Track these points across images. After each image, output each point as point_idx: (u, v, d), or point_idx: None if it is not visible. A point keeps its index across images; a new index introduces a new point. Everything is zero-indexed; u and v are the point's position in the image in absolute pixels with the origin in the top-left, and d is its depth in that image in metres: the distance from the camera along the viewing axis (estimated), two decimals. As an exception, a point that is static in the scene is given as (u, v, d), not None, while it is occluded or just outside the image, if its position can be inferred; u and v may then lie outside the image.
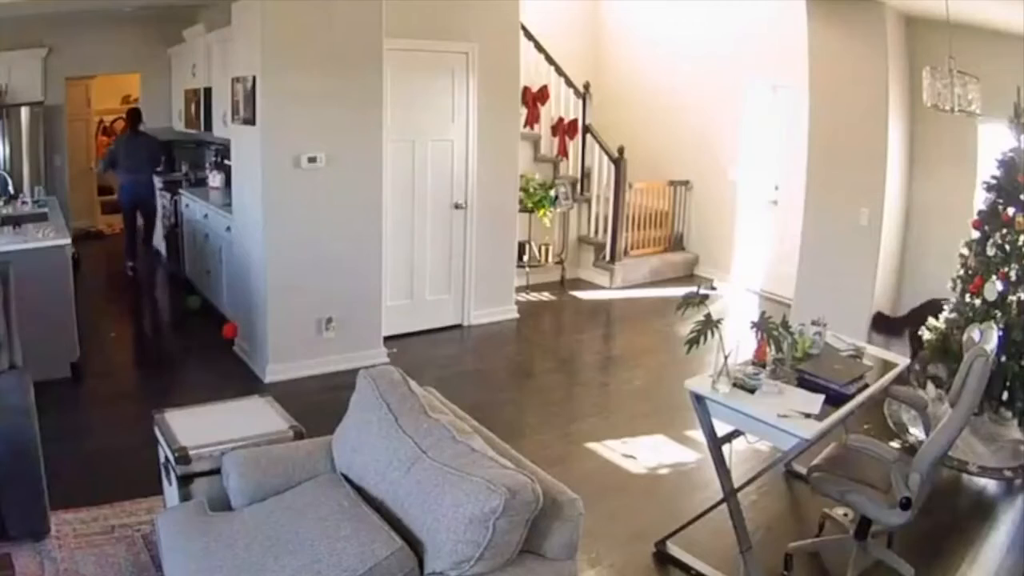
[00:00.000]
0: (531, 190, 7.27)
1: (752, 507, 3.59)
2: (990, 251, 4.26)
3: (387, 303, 5.68)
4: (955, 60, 4.03)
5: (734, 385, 3.09)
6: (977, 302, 4.31)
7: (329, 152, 5.06)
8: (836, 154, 5.71)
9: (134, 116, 7.92)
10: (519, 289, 7.07)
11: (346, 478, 2.54)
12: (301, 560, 2.15)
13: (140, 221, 8.05)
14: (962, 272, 4.49)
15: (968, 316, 4.30)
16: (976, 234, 4.42)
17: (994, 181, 4.32)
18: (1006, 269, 4.18)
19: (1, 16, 6.68)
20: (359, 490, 2.44)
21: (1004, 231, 4.21)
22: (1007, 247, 4.20)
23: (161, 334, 6.71)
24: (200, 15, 7.00)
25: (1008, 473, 4.13)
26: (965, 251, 4.48)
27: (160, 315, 7.41)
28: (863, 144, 5.52)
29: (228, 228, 5.87)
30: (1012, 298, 4.16)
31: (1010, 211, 4.19)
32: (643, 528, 3.47)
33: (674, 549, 3.33)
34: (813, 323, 3.58)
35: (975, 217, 4.44)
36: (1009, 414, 4.30)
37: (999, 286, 4.17)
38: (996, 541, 3.63)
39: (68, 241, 4.96)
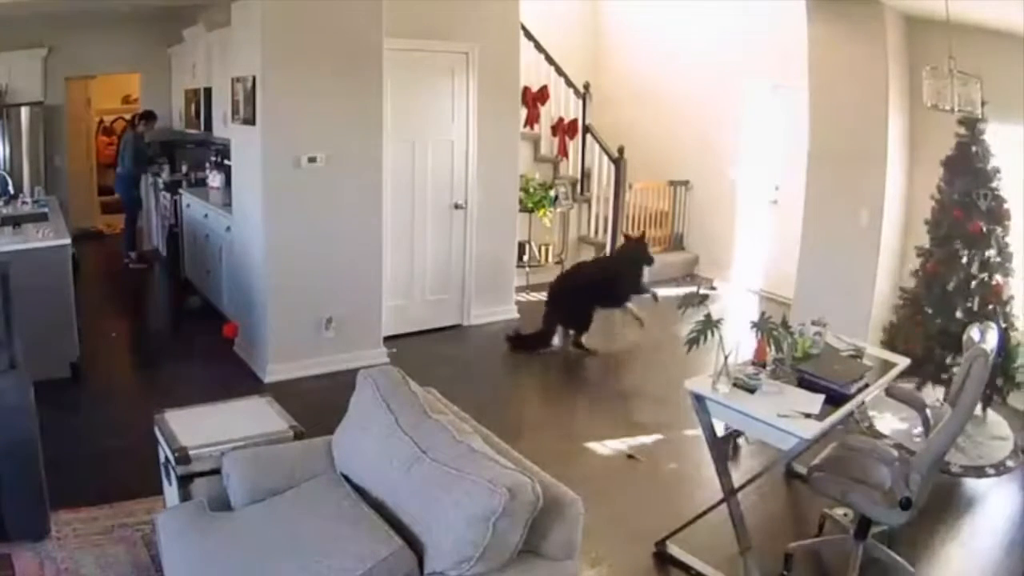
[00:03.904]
0: (531, 190, 7.26)
1: (752, 507, 3.59)
2: (992, 253, 4.32)
3: (387, 303, 5.68)
4: (955, 60, 4.03)
5: (734, 385, 3.09)
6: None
7: (329, 152, 5.06)
8: (836, 154, 5.70)
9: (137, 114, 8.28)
10: (519, 289, 7.07)
11: (346, 478, 2.54)
12: (301, 560, 2.15)
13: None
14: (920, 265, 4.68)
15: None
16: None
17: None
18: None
19: (1, 16, 6.68)
20: (359, 490, 2.44)
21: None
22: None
23: (161, 334, 6.70)
24: (200, 15, 7.00)
25: (990, 471, 4.15)
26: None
27: (160, 315, 7.41)
28: (863, 144, 5.51)
29: (228, 228, 5.87)
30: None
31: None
32: (643, 528, 3.47)
33: (674, 549, 3.33)
34: (813, 323, 3.58)
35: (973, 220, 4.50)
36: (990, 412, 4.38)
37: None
38: (996, 541, 3.64)
39: (68, 241, 4.96)
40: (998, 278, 4.53)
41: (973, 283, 4.51)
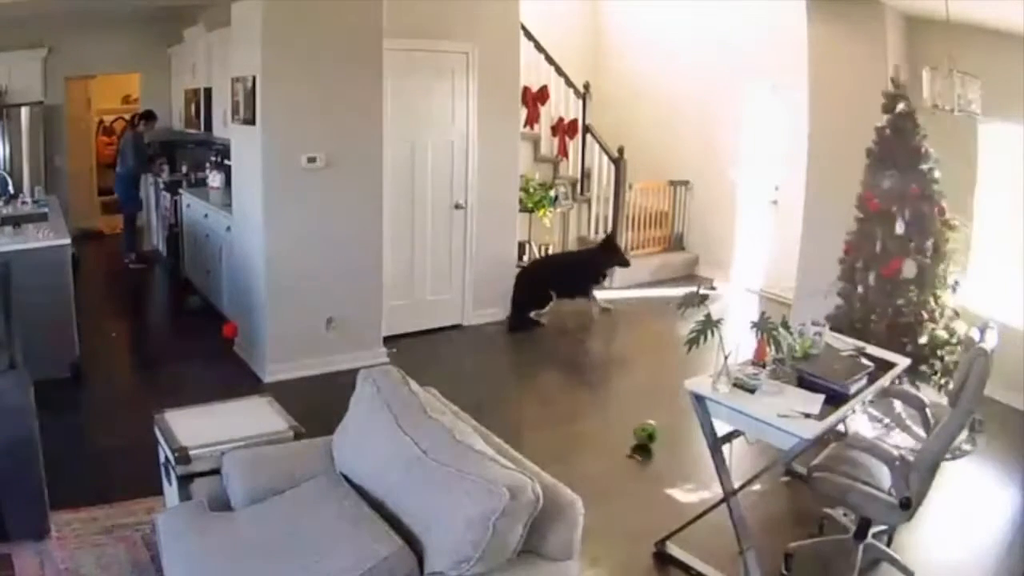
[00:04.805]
0: (531, 190, 7.27)
1: (752, 507, 3.59)
2: (899, 230, 4.49)
3: (387, 303, 5.68)
4: (955, 60, 4.03)
5: (734, 385, 3.09)
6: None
7: (329, 152, 5.06)
8: (836, 154, 5.70)
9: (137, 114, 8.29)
10: (519, 289, 7.07)
11: (346, 478, 2.54)
12: (301, 560, 2.15)
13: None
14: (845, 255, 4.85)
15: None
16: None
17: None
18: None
19: (1, 16, 6.68)
20: (359, 490, 2.44)
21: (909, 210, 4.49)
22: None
23: (161, 334, 6.70)
24: (200, 15, 7.00)
25: (947, 455, 4.19)
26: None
27: (160, 315, 7.41)
28: (863, 144, 5.51)
29: (228, 228, 5.87)
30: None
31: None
32: (643, 528, 3.47)
33: (674, 549, 3.34)
34: (813, 323, 3.58)
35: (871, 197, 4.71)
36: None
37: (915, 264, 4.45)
38: (996, 541, 3.64)
39: (68, 241, 4.96)
40: (946, 269, 4.62)
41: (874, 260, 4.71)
